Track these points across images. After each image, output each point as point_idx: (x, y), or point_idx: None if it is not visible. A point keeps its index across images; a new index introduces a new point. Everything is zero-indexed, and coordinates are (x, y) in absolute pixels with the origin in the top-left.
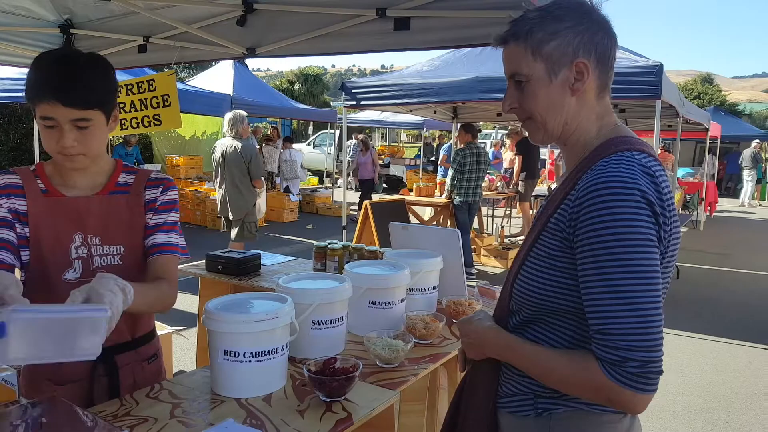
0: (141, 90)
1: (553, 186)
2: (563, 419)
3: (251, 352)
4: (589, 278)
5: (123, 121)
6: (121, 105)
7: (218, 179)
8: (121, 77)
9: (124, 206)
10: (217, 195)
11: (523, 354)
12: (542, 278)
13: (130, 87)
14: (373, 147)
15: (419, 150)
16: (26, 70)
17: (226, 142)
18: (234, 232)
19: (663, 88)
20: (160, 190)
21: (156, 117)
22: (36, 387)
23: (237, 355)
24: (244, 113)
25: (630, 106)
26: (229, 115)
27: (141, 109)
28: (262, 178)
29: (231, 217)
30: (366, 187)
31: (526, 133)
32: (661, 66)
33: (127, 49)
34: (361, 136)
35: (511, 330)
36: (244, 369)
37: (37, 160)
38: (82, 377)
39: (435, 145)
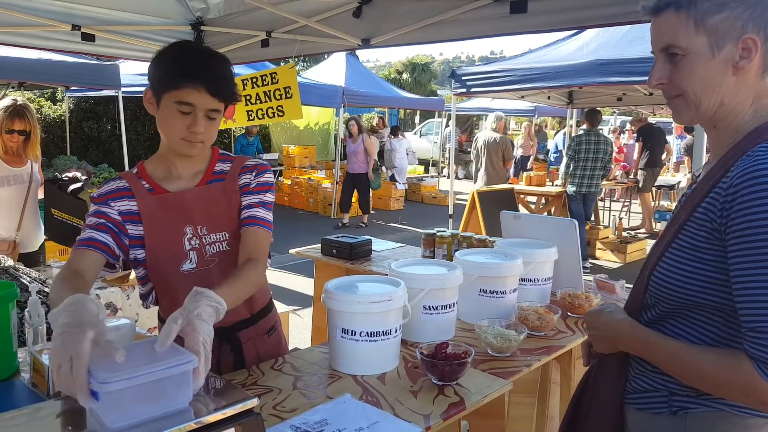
0: (264, 83)
1: (682, 174)
2: (701, 419)
3: (367, 332)
4: (744, 271)
5: (249, 113)
6: (247, 97)
7: (477, 158)
8: (245, 71)
9: (221, 193)
10: (473, 169)
11: (662, 349)
12: (685, 271)
13: (254, 80)
14: (367, 132)
15: None
16: None
17: (488, 134)
18: None
19: None
20: (254, 173)
21: (279, 108)
22: None
23: (354, 333)
24: (503, 115)
25: None
26: (492, 115)
27: (265, 101)
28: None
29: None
30: (356, 184)
31: (651, 119)
32: None
33: (251, 44)
34: (355, 117)
35: (645, 325)
36: (360, 347)
37: (126, 155)
38: None
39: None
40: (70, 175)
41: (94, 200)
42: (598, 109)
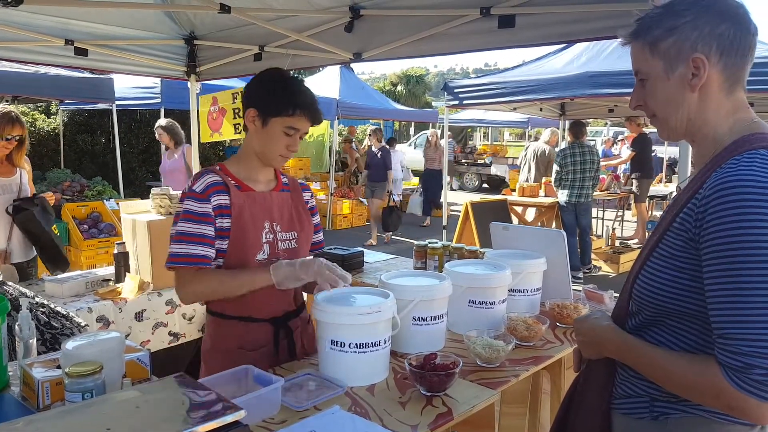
0: None
1: (675, 185)
2: (680, 425)
3: (356, 344)
4: (714, 280)
5: (237, 126)
6: (236, 110)
7: (527, 166)
8: (237, 84)
9: (290, 201)
10: (522, 176)
11: (641, 355)
12: (664, 279)
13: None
14: (188, 144)
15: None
16: (153, 79)
17: (539, 145)
18: None
19: None
20: (310, 194)
21: None
22: (230, 354)
23: (343, 345)
24: (557, 130)
25: (758, 99)
26: (548, 130)
27: None
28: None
29: None
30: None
31: (645, 128)
32: None
33: (243, 58)
34: (164, 122)
35: (630, 332)
36: (349, 359)
37: (120, 168)
38: (266, 343)
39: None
40: (45, 195)
41: (196, 195)
42: (583, 121)
